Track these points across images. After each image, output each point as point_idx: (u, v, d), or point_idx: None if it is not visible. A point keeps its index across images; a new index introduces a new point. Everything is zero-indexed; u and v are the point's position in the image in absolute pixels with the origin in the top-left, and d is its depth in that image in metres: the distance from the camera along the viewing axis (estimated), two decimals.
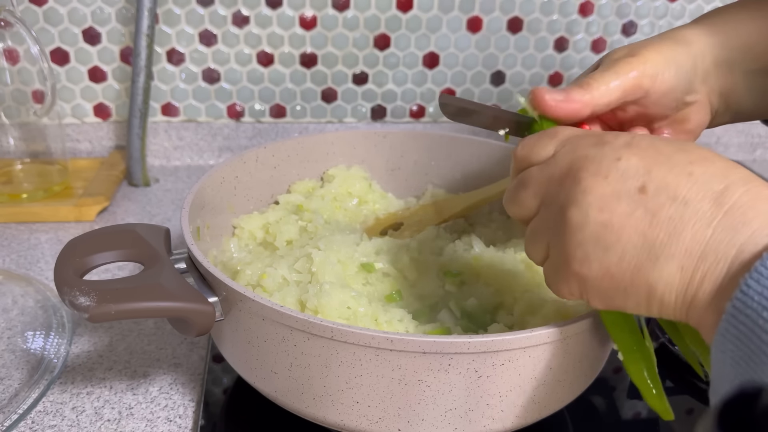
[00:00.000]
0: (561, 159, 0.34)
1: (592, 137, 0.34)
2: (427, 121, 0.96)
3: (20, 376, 0.50)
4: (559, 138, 0.35)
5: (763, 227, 0.27)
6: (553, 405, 0.42)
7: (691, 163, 0.30)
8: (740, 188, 0.28)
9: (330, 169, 0.66)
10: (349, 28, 0.87)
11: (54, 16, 0.82)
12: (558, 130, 0.36)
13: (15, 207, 0.74)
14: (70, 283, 0.40)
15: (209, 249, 0.54)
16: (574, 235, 0.31)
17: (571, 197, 0.32)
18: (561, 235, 0.32)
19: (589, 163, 0.32)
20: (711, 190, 0.29)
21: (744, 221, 0.27)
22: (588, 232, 0.31)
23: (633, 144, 0.32)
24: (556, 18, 0.91)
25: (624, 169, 0.31)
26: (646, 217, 0.29)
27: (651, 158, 0.31)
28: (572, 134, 0.35)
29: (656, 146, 0.31)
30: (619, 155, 0.31)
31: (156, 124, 0.89)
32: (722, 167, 0.30)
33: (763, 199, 0.28)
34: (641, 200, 0.30)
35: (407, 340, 0.35)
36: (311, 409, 0.40)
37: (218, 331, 0.44)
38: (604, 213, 0.30)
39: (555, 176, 0.34)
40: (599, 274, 0.31)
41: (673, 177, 0.30)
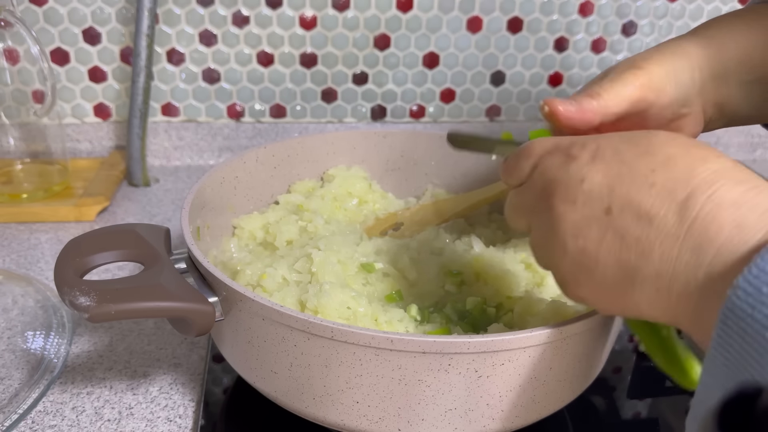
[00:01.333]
0: (534, 183, 0.35)
1: (559, 155, 0.34)
2: (427, 121, 0.96)
3: (20, 376, 0.50)
4: (532, 158, 0.36)
5: (726, 243, 0.26)
6: (553, 405, 0.42)
7: (653, 171, 0.30)
8: (703, 194, 0.28)
9: (330, 169, 0.66)
10: (349, 28, 0.87)
11: (54, 16, 0.82)
12: (532, 148, 0.36)
13: (15, 207, 0.74)
14: (70, 283, 0.40)
15: (209, 249, 0.54)
16: (561, 262, 0.33)
17: (549, 223, 0.33)
18: (552, 261, 0.34)
19: (557, 187, 0.33)
20: (674, 201, 0.28)
21: (708, 239, 0.27)
22: (570, 260, 0.32)
23: (597, 157, 0.32)
24: (556, 18, 0.91)
25: (588, 191, 0.31)
26: (615, 241, 0.30)
27: (614, 174, 0.31)
28: (543, 151, 0.35)
29: (620, 155, 0.31)
30: (583, 176, 0.32)
31: (156, 124, 0.89)
32: (686, 169, 0.29)
33: (726, 206, 0.27)
34: (609, 222, 0.30)
35: (407, 340, 0.35)
36: (311, 409, 0.40)
37: (218, 331, 0.44)
38: (579, 240, 0.31)
39: (530, 201, 0.35)
40: (592, 294, 0.33)
41: (636, 192, 0.29)
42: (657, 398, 0.52)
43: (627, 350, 0.57)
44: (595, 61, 0.95)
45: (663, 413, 0.51)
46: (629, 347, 0.58)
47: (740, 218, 0.27)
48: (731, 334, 0.24)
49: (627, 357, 0.56)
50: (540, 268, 0.37)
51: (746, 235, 0.26)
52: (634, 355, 0.57)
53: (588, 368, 0.43)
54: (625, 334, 0.59)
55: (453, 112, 0.96)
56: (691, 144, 0.30)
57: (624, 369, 0.55)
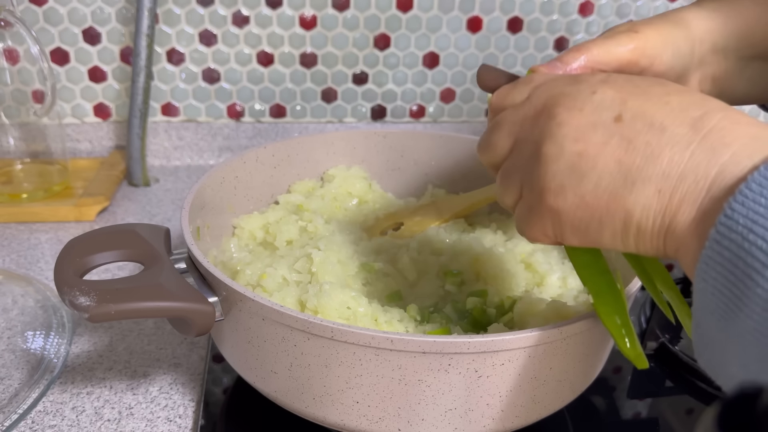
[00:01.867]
0: (536, 98, 0.34)
1: (567, 77, 0.34)
2: (427, 121, 0.96)
3: (20, 376, 0.50)
4: (534, 82, 0.35)
5: (743, 149, 0.27)
6: (553, 405, 0.42)
7: (668, 93, 0.30)
8: (718, 114, 0.28)
9: (330, 169, 0.66)
10: (349, 28, 0.87)
11: (54, 16, 0.82)
12: (533, 77, 0.36)
13: (15, 207, 0.74)
14: (70, 283, 0.40)
15: (209, 249, 0.54)
16: (548, 167, 0.31)
17: (546, 131, 0.32)
18: (535, 170, 0.32)
19: (564, 98, 0.32)
20: (689, 116, 0.28)
21: (723, 143, 0.27)
22: (563, 163, 0.31)
23: (609, 80, 0.32)
24: (556, 18, 0.91)
25: (599, 101, 0.31)
26: (621, 144, 0.29)
27: (627, 91, 0.31)
28: (547, 77, 0.35)
29: (633, 81, 0.32)
30: (594, 89, 0.31)
31: (156, 124, 0.89)
32: (700, 98, 0.30)
33: (741, 123, 0.28)
34: (617, 128, 0.30)
35: (407, 340, 0.35)
36: (311, 409, 0.40)
37: (218, 331, 0.44)
38: (579, 143, 0.30)
39: (529, 115, 0.34)
40: (574, 205, 0.31)
41: (650, 105, 0.29)
42: (657, 398, 0.52)
43: None
44: None
45: (663, 413, 0.51)
46: None
47: (756, 132, 0.27)
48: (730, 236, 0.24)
49: None
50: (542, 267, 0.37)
51: (763, 144, 0.26)
52: None
53: (588, 368, 0.43)
54: None
55: (453, 112, 0.96)
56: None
57: (624, 369, 0.55)
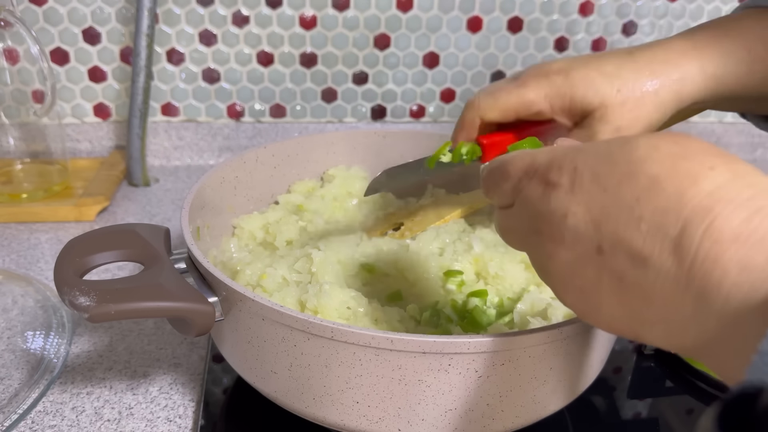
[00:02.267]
0: (520, 213, 0.32)
1: (537, 182, 0.31)
2: (427, 121, 0.96)
3: (20, 376, 0.50)
4: (511, 180, 0.33)
5: (735, 290, 0.23)
6: (553, 405, 0.42)
7: (637, 200, 0.26)
8: (699, 228, 0.24)
9: (330, 169, 0.66)
10: (349, 28, 0.87)
11: (54, 16, 0.82)
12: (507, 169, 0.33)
13: (15, 207, 0.74)
14: (70, 283, 0.40)
15: (209, 249, 0.54)
16: (564, 298, 0.31)
17: (543, 264, 0.31)
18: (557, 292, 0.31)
19: (542, 223, 0.30)
20: (666, 237, 0.25)
21: (713, 285, 0.24)
22: (573, 297, 0.30)
23: (576, 184, 0.29)
24: (556, 18, 0.91)
25: (574, 228, 0.28)
26: (613, 282, 0.27)
27: (597, 206, 0.27)
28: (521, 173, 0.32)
29: (599, 181, 0.28)
30: (565, 210, 0.29)
31: (156, 124, 0.89)
32: (675, 193, 0.25)
33: (726, 242, 0.23)
34: (602, 263, 0.27)
35: (407, 340, 0.35)
36: (311, 409, 0.40)
37: (218, 331, 0.44)
38: (576, 280, 0.29)
39: (521, 231, 0.33)
40: (604, 326, 0.30)
41: (624, 229, 0.26)
42: (657, 398, 0.52)
43: (627, 350, 0.57)
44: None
45: (663, 413, 0.51)
46: (629, 347, 0.58)
47: (745, 258, 0.23)
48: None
49: (627, 357, 0.56)
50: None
51: (755, 280, 0.23)
52: (634, 355, 0.57)
53: (588, 368, 0.43)
54: None
55: (453, 112, 0.96)
56: (678, 155, 0.26)
57: (624, 369, 0.55)
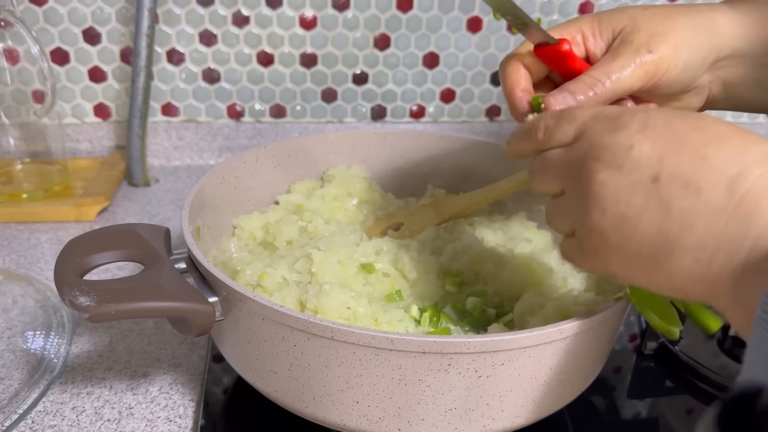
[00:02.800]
0: (579, 148, 0.34)
1: (608, 122, 0.33)
2: (427, 121, 0.96)
3: (20, 376, 0.50)
4: (577, 122, 0.35)
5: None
6: (553, 405, 0.42)
7: (705, 144, 0.29)
8: (755, 172, 0.28)
9: (330, 169, 0.66)
10: (349, 28, 0.87)
11: (54, 16, 0.82)
12: (576, 114, 0.36)
13: (15, 207, 0.74)
14: (70, 283, 0.40)
15: (209, 249, 0.54)
16: (595, 224, 0.32)
17: (590, 189, 0.32)
18: (584, 223, 0.33)
19: (604, 152, 0.32)
20: (724, 176, 0.28)
21: (757, 213, 0.27)
22: (608, 223, 0.32)
23: (648, 126, 0.31)
24: (556, 18, 0.91)
25: (637, 158, 0.31)
26: (659, 209, 0.30)
27: (664, 143, 0.30)
28: (589, 117, 0.35)
29: (671, 127, 0.31)
30: (632, 142, 0.31)
31: (156, 124, 0.89)
32: (738, 146, 0.29)
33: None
34: (655, 191, 0.30)
35: (407, 340, 0.35)
36: (311, 409, 0.40)
37: (218, 331, 0.44)
38: (621, 205, 0.31)
39: (574, 165, 0.34)
40: (622, 260, 0.32)
41: (687, 163, 0.29)
42: (657, 398, 0.52)
43: (627, 350, 0.57)
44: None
45: (663, 413, 0.51)
46: (629, 347, 0.58)
47: None
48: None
49: (627, 357, 0.56)
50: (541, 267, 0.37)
51: None
52: (634, 355, 0.57)
53: (588, 368, 0.43)
54: (625, 334, 0.59)
55: (453, 112, 0.96)
56: (741, 128, 0.30)
57: (624, 369, 0.55)
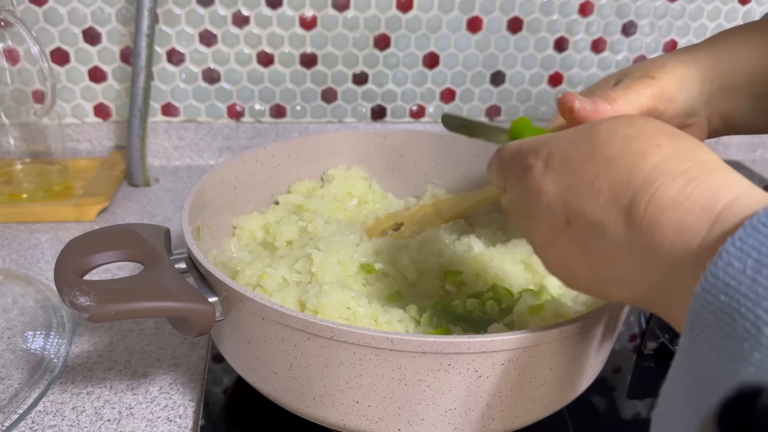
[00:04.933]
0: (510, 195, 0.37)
1: (517, 166, 0.35)
2: (427, 121, 0.96)
3: (20, 376, 0.50)
4: (501, 167, 0.38)
5: (671, 249, 0.27)
6: (553, 405, 0.42)
7: (597, 177, 0.30)
8: (644, 197, 0.28)
9: (330, 169, 0.66)
10: (349, 28, 0.87)
11: (54, 16, 0.82)
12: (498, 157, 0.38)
13: (15, 207, 0.74)
14: (70, 283, 0.40)
15: (209, 249, 0.54)
16: (548, 267, 0.35)
17: (528, 236, 0.36)
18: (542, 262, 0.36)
19: (522, 202, 0.35)
20: (620, 207, 0.29)
21: (654, 245, 0.27)
22: (553, 265, 0.34)
23: (549, 166, 0.33)
24: (556, 18, 0.91)
25: (546, 203, 0.32)
26: (581, 249, 0.31)
27: (564, 183, 0.32)
28: (507, 160, 0.37)
29: (567, 162, 0.32)
30: (539, 188, 0.33)
31: (156, 124, 0.89)
32: (626, 168, 0.29)
33: (666, 207, 0.27)
34: (571, 233, 0.31)
35: (407, 340, 0.35)
36: (311, 409, 0.40)
37: (218, 331, 0.44)
38: (552, 249, 0.33)
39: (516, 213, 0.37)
40: (581, 289, 0.34)
41: (586, 203, 0.30)
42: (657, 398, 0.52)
43: (627, 350, 0.57)
44: (595, 61, 0.95)
45: None
46: (629, 347, 0.58)
47: (680, 220, 0.26)
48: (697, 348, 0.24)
49: (627, 357, 0.56)
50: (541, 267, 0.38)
51: (688, 238, 0.26)
52: (634, 355, 0.57)
53: (588, 368, 0.43)
54: (625, 334, 0.59)
55: (453, 113, 0.96)
56: (631, 136, 0.30)
57: (624, 369, 0.55)
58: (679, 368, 0.25)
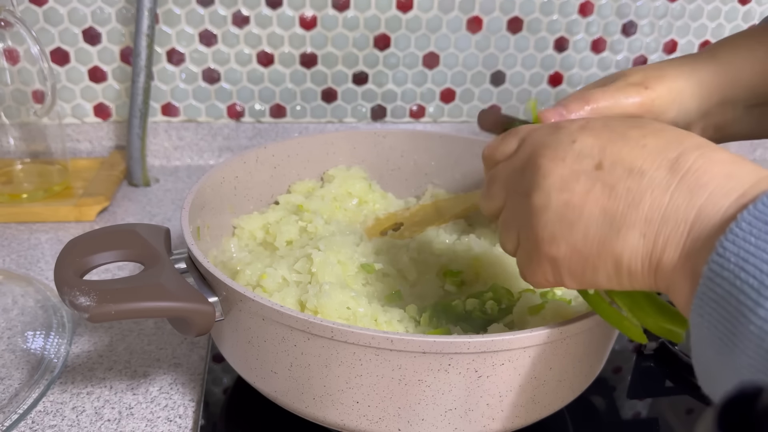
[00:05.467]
0: (522, 151, 0.36)
1: (548, 126, 0.35)
2: (427, 121, 0.96)
3: (20, 376, 0.50)
4: (520, 134, 0.37)
5: (718, 189, 0.28)
6: (553, 405, 0.42)
7: (644, 136, 0.31)
8: (694, 153, 0.29)
9: (330, 169, 0.66)
10: (349, 28, 0.87)
11: (54, 16, 0.82)
12: (519, 128, 0.38)
13: (15, 207, 0.74)
14: (70, 283, 0.40)
15: (209, 249, 0.54)
16: (539, 218, 0.33)
17: (533, 183, 0.33)
18: (528, 220, 0.34)
19: (546, 149, 0.33)
20: (666, 158, 0.30)
21: (700, 185, 0.28)
22: (552, 213, 0.32)
23: (587, 126, 0.33)
24: (556, 18, 0.91)
25: (579, 149, 0.32)
26: (604, 192, 0.31)
27: (605, 137, 0.32)
28: (532, 128, 0.37)
29: (610, 126, 0.33)
30: (574, 137, 0.33)
31: (156, 124, 0.89)
32: (676, 136, 0.31)
33: (716, 162, 0.29)
34: (598, 176, 0.31)
35: (407, 340, 0.35)
36: (311, 409, 0.40)
37: (218, 331, 0.44)
38: (565, 193, 0.32)
39: (517, 167, 0.35)
40: (568, 253, 0.32)
41: (628, 150, 0.31)
42: (657, 398, 0.52)
43: (627, 350, 0.57)
44: (595, 61, 0.95)
45: (663, 413, 0.51)
46: (629, 347, 0.58)
47: (731, 170, 0.28)
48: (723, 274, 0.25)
49: (627, 357, 0.56)
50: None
51: (737, 183, 0.27)
52: (634, 355, 0.57)
53: (588, 368, 0.43)
54: None
55: (453, 112, 0.96)
56: (676, 128, 0.32)
57: (624, 369, 0.55)
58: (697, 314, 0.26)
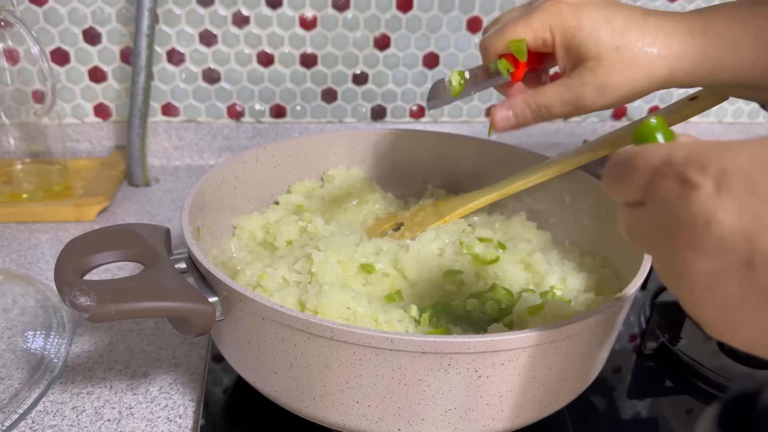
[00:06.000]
0: (651, 214, 0.29)
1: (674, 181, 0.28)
2: (427, 121, 0.96)
3: (20, 376, 0.50)
4: (641, 175, 0.30)
5: None
6: (553, 405, 0.42)
7: None
8: None
9: (330, 169, 0.66)
10: (349, 28, 0.87)
11: (54, 16, 0.82)
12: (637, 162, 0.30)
13: (15, 207, 0.74)
14: (70, 283, 0.40)
15: (209, 249, 0.54)
16: (697, 311, 0.28)
17: (675, 269, 0.28)
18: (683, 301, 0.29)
19: (679, 228, 0.27)
20: None
21: None
22: (709, 311, 0.27)
23: (723, 188, 0.26)
24: None
25: (719, 238, 0.26)
26: (764, 299, 0.25)
27: (750, 216, 0.25)
28: (653, 168, 0.29)
29: (753, 186, 0.25)
30: (709, 216, 0.26)
31: (156, 124, 0.89)
32: None
33: None
34: (751, 278, 0.25)
35: (407, 340, 0.35)
36: (311, 409, 0.40)
37: (218, 331, 0.45)
38: (716, 294, 0.26)
39: (650, 232, 0.30)
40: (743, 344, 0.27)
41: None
42: (657, 398, 0.52)
43: (627, 350, 0.57)
44: None
45: (663, 413, 0.51)
46: (629, 347, 0.58)
47: None
48: None
49: (627, 357, 0.57)
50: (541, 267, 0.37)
51: None
52: (634, 355, 0.57)
53: (588, 368, 0.43)
54: (625, 334, 0.59)
55: (453, 113, 0.96)
56: None
57: (624, 369, 0.55)
58: None
